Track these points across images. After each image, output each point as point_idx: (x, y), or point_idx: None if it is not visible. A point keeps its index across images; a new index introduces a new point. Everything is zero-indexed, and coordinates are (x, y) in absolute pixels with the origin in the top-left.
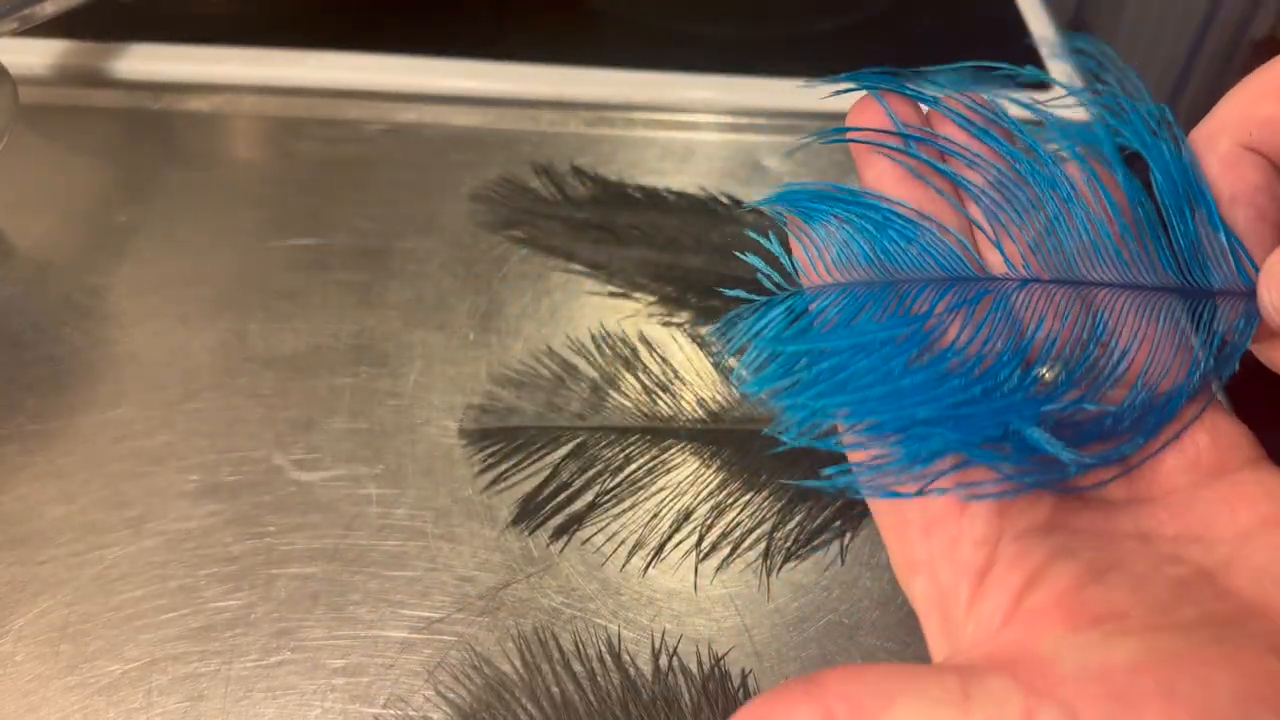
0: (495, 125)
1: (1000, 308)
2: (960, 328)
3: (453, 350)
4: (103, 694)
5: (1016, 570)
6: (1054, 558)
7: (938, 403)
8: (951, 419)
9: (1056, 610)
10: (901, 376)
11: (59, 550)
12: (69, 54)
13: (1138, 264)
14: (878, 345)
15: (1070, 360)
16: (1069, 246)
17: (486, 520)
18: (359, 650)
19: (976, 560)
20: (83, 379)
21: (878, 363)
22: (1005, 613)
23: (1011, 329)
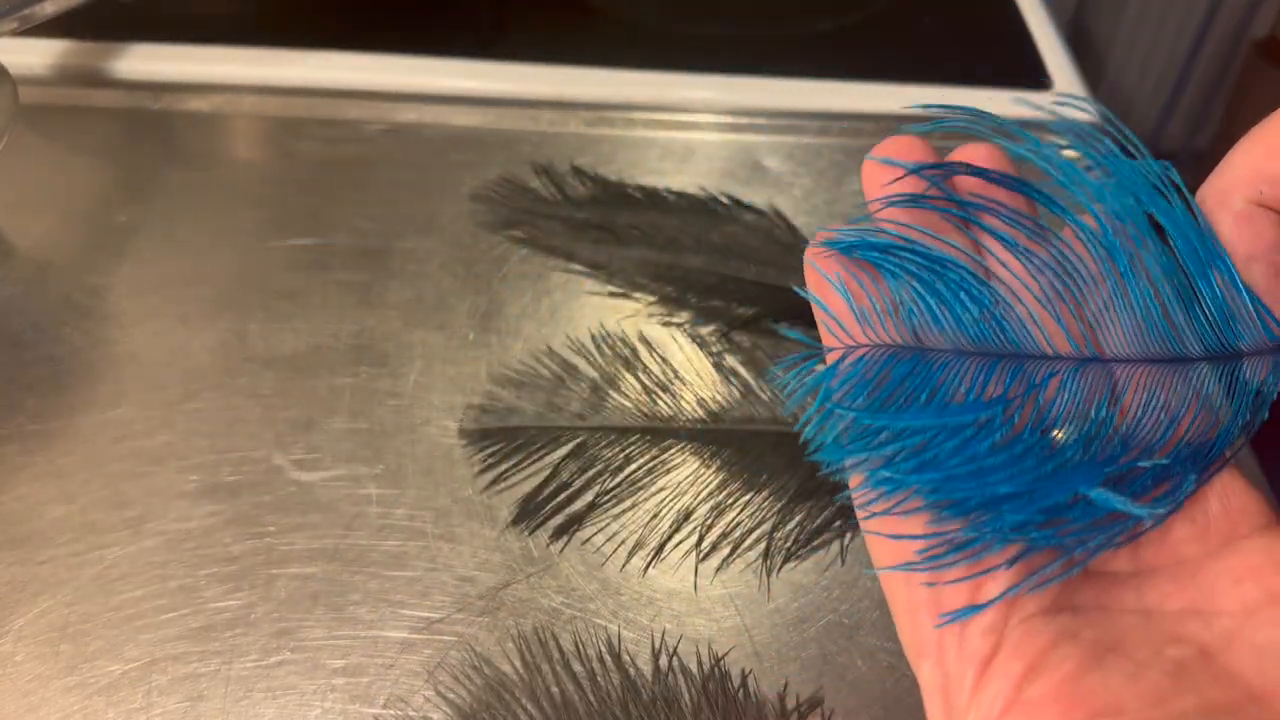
0: (495, 125)
1: (1068, 386)
2: (1033, 410)
3: (453, 350)
4: (102, 694)
5: (1019, 657)
6: (1057, 642)
7: (1017, 480)
8: (1029, 493)
9: (1054, 703)
10: (985, 457)
11: (59, 550)
12: (69, 54)
13: (1182, 333)
14: (962, 428)
15: (1125, 433)
16: (1125, 322)
17: (486, 520)
18: (359, 650)
19: (983, 648)
20: (83, 379)
21: (961, 444)
22: (1005, 702)
23: (1077, 407)
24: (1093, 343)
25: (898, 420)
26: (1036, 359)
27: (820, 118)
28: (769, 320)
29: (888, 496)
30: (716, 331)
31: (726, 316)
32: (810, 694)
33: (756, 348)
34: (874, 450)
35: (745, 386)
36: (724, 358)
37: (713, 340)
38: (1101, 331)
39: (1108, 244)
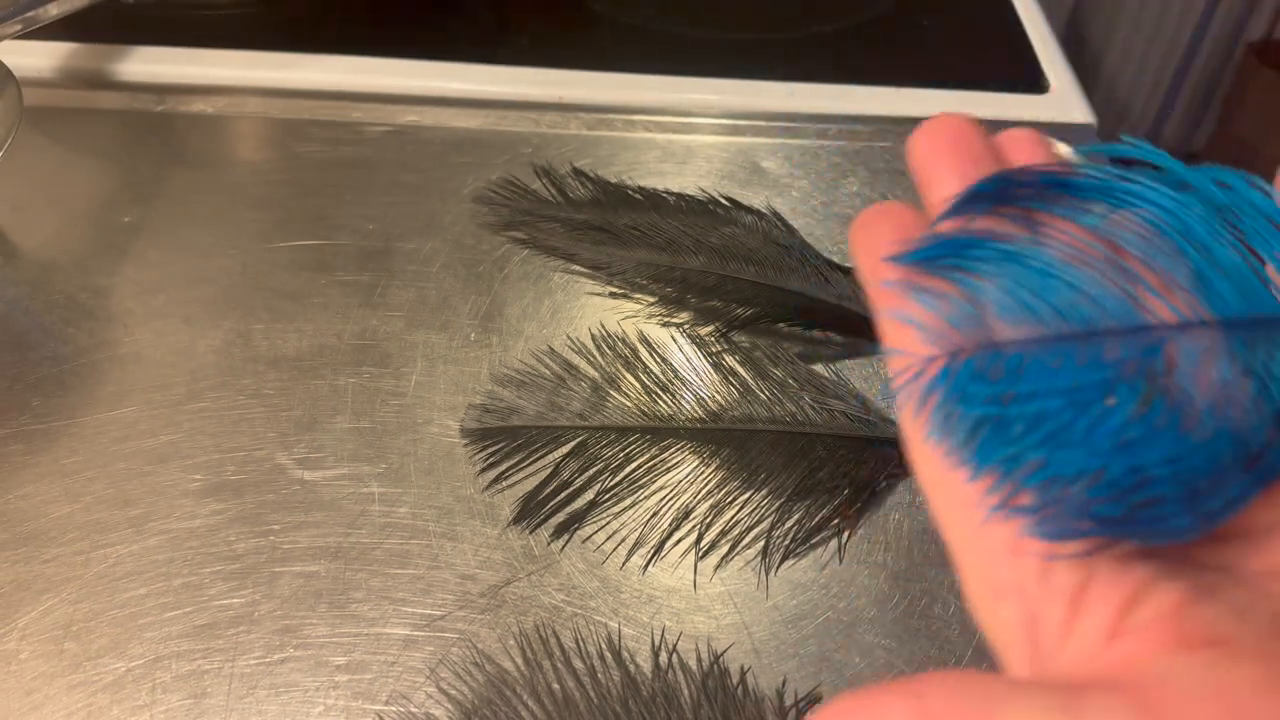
0: (496, 127)
1: (1185, 352)
2: (1155, 379)
3: (455, 350)
4: (107, 691)
5: (1116, 588)
6: (1153, 578)
7: (1162, 449)
8: (1177, 465)
9: (1165, 627)
10: (1124, 429)
11: (63, 549)
12: (73, 56)
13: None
14: (1092, 391)
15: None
16: (1224, 288)
17: (488, 519)
18: (361, 647)
19: (1072, 581)
20: (87, 379)
21: (1094, 421)
22: (1109, 630)
23: (1198, 373)
24: (1197, 309)
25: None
26: (1147, 330)
27: (819, 120)
28: (768, 320)
29: (1028, 487)
30: (716, 331)
31: (726, 317)
32: (808, 690)
33: (756, 348)
34: (1012, 443)
35: (745, 386)
36: (724, 358)
37: (712, 340)
38: (1201, 297)
39: (1178, 223)
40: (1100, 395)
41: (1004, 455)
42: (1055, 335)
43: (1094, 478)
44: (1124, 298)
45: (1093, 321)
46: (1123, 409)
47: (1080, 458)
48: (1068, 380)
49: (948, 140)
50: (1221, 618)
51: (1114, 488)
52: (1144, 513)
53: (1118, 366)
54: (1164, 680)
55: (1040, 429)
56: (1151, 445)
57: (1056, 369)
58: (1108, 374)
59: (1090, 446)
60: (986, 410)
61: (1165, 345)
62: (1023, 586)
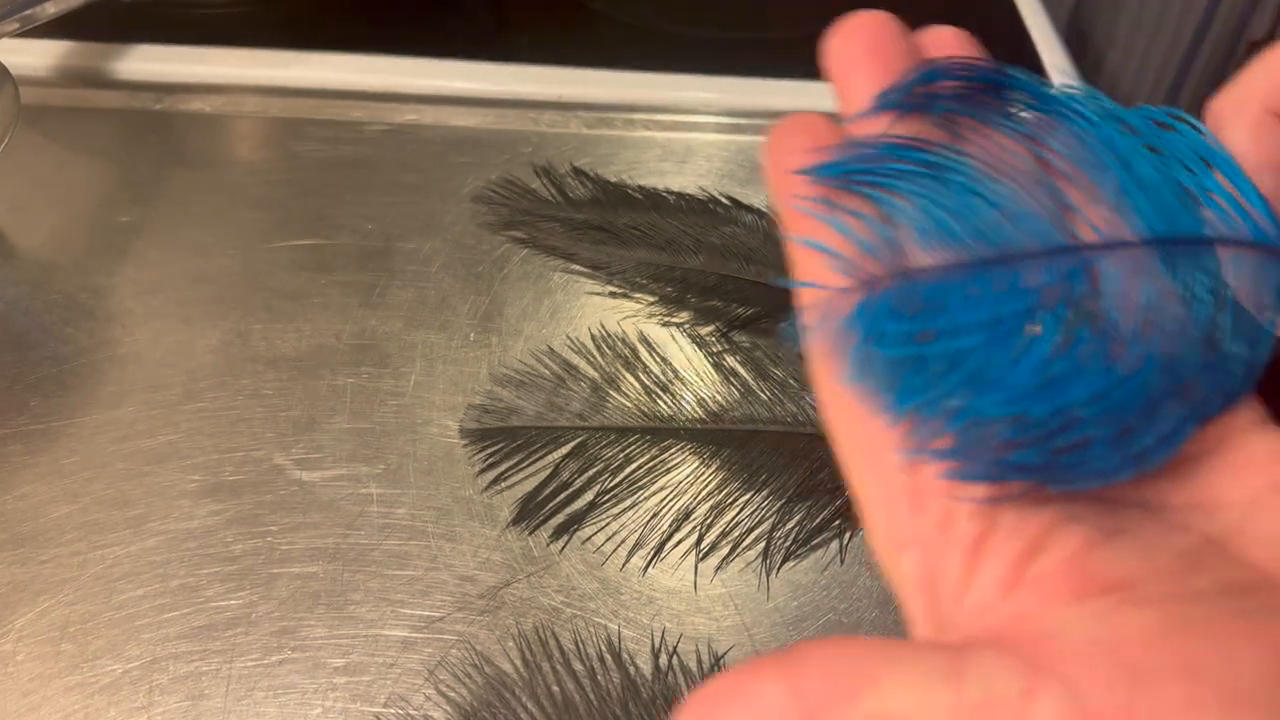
0: (496, 126)
1: (1109, 274)
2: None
3: (454, 350)
4: (104, 693)
5: (1016, 537)
6: (1056, 523)
7: (1088, 384)
8: (1104, 400)
9: (1063, 577)
10: (1049, 364)
11: (61, 549)
12: (71, 55)
13: (1196, 219)
14: (1014, 321)
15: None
16: (1144, 206)
17: (487, 519)
18: (360, 649)
19: (973, 531)
20: (86, 379)
21: (1017, 355)
22: (1005, 583)
23: (1123, 296)
24: (1121, 227)
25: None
26: (1071, 251)
27: None
28: (769, 320)
29: (949, 429)
30: (716, 331)
31: (726, 316)
32: None
33: (756, 348)
34: (931, 384)
35: (745, 386)
36: (724, 358)
37: (713, 340)
38: (1122, 217)
39: (1103, 135)
40: (1022, 326)
41: (922, 398)
42: (976, 260)
43: (1017, 420)
44: (1048, 216)
45: (1015, 244)
46: (1046, 341)
47: (1003, 398)
48: (988, 312)
49: (865, 42)
50: (1126, 559)
51: (1039, 428)
52: (1071, 456)
53: (1039, 293)
54: (1054, 634)
55: (961, 367)
56: (1077, 380)
57: (977, 299)
58: (1030, 302)
59: (1013, 385)
60: (904, 350)
61: (1088, 267)
62: (924, 538)
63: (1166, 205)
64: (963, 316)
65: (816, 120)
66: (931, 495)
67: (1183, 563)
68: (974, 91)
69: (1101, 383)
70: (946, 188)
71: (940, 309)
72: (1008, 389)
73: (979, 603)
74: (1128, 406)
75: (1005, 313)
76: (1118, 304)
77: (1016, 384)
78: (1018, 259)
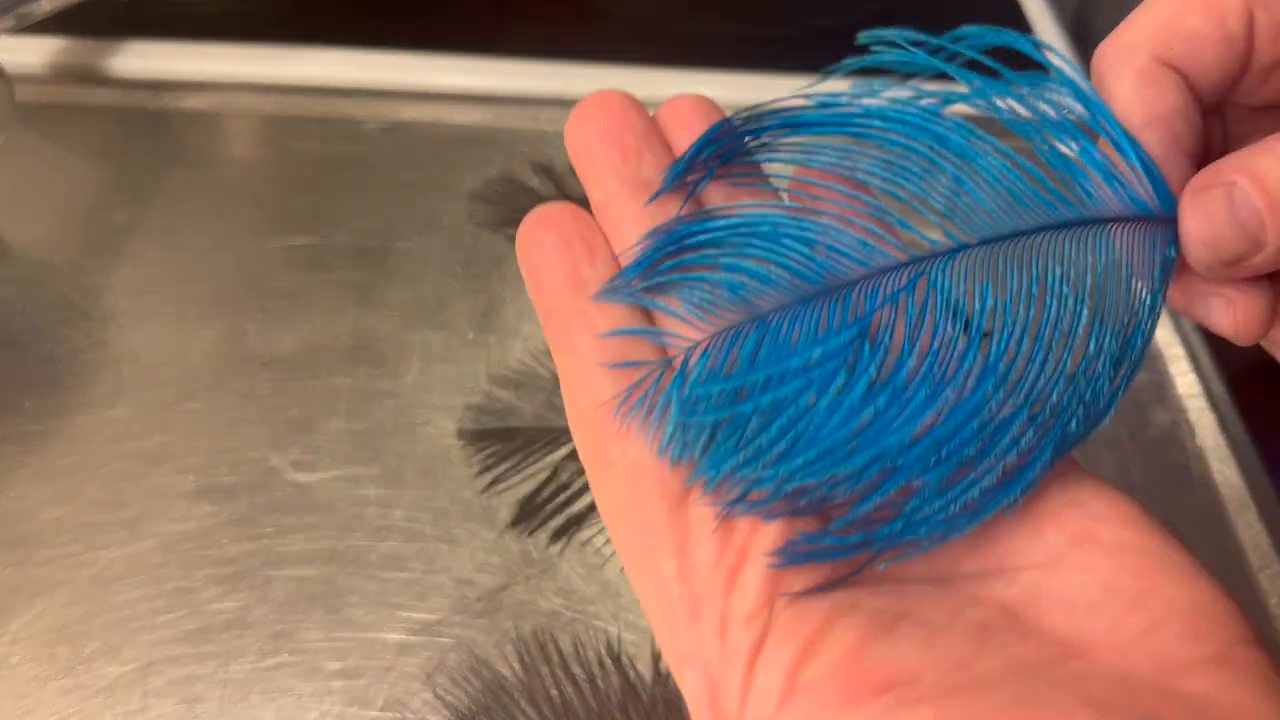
0: (494, 123)
1: (939, 286)
2: (905, 322)
3: (452, 350)
4: (99, 696)
5: (791, 640)
6: (835, 615)
7: (901, 430)
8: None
9: (836, 681)
10: (858, 410)
11: (56, 551)
12: (65, 52)
13: (1060, 203)
14: (825, 363)
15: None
16: (985, 202)
17: (485, 521)
18: (356, 653)
19: (748, 639)
20: (80, 379)
21: (836, 395)
22: (780, 694)
23: (956, 309)
24: (956, 233)
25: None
26: (868, 278)
27: None
28: None
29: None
30: None
31: None
32: None
33: None
34: (747, 445)
35: None
36: None
37: None
38: (961, 219)
39: (931, 137)
40: (842, 365)
41: (736, 462)
42: (792, 304)
43: (833, 478)
44: (864, 242)
45: (832, 278)
46: (861, 380)
47: (818, 452)
48: (805, 356)
49: (598, 127)
50: (906, 651)
51: (857, 483)
52: (897, 516)
53: (860, 323)
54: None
55: (775, 423)
56: (897, 419)
57: (794, 345)
58: (849, 335)
59: (828, 436)
60: (718, 413)
61: (916, 284)
62: (703, 649)
63: (1016, 196)
64: (779, 366)
65: (564, 214)
66: (707, 601)
67: (970, 645)
68: (776, 137)
69: (910, 428)
70: (752, 243)
71: (756, 362)
72: (822, 441)
73: (758, 717)
74: (959, 441)
75: (827, 351)
76: (946, 321)
77: (831, 434)
78: (834, 293)
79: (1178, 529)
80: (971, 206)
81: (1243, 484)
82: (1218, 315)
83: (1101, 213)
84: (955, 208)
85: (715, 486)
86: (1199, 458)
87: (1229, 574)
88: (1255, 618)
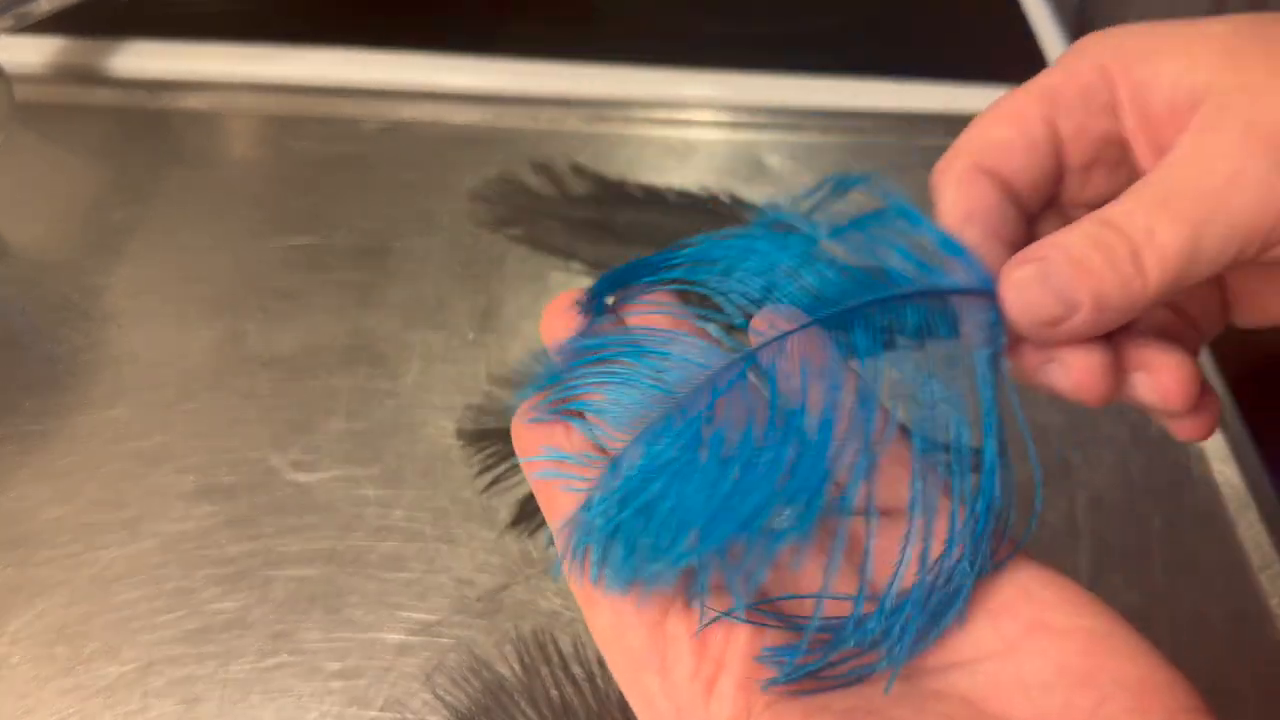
0: (494, 123)
1: (771, 372)
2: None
3: (451, 350)
4: (99, 696)
5: None
6: (807, 716)
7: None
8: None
9: None
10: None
11: (56, 551)
12: (65, 51)
13: (877, 282)
14: (682, 454)
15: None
16: (810, 284)
17: (485, 522)
18: (356, 653)
19: None
20: (80, 379)
21: (702, 480)
22: None
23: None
24: (780, 325)
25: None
26: (730, 364)
27: (822, 115)
28: None
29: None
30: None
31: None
32: None
33: None
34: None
35: None
36: None
37: None
38: (786, 312)
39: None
40: (698, 451)
41: (635, 564)
42: (657, 415)
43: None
44: (708, 347)
45: (684, 382)
46: (714, 458)
47: (700, 530)
48: (668, 451)
49: (568, 322)
50: None
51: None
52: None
53: (708, 411)
54: None
55: (655, 517)
56: (751, 490)
57: (660, 446)
58: (699, 424)
59: (699, 515)
60: (609, 524)
61: (753, 368)
62: None
63: (839, 288)
64: (648, 465)
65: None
66: (690, 712)
67: None
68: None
69: (773, 479)
70: (625, 371)
71: (632, 470)
72: (695, 520)
73: None
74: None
75: (685, 441)
76: (787, 393)
77: (701, 511)
78: (686, 393)
79: (1178, 529)
80: (796, 295)
81: (1243, 484)
82: (1058, 379)
83: (928, 290)
84: (789, 307)
85: (626, 588)
86: (1199, 457)
87: (1229, 573)
88: (1256, 617)
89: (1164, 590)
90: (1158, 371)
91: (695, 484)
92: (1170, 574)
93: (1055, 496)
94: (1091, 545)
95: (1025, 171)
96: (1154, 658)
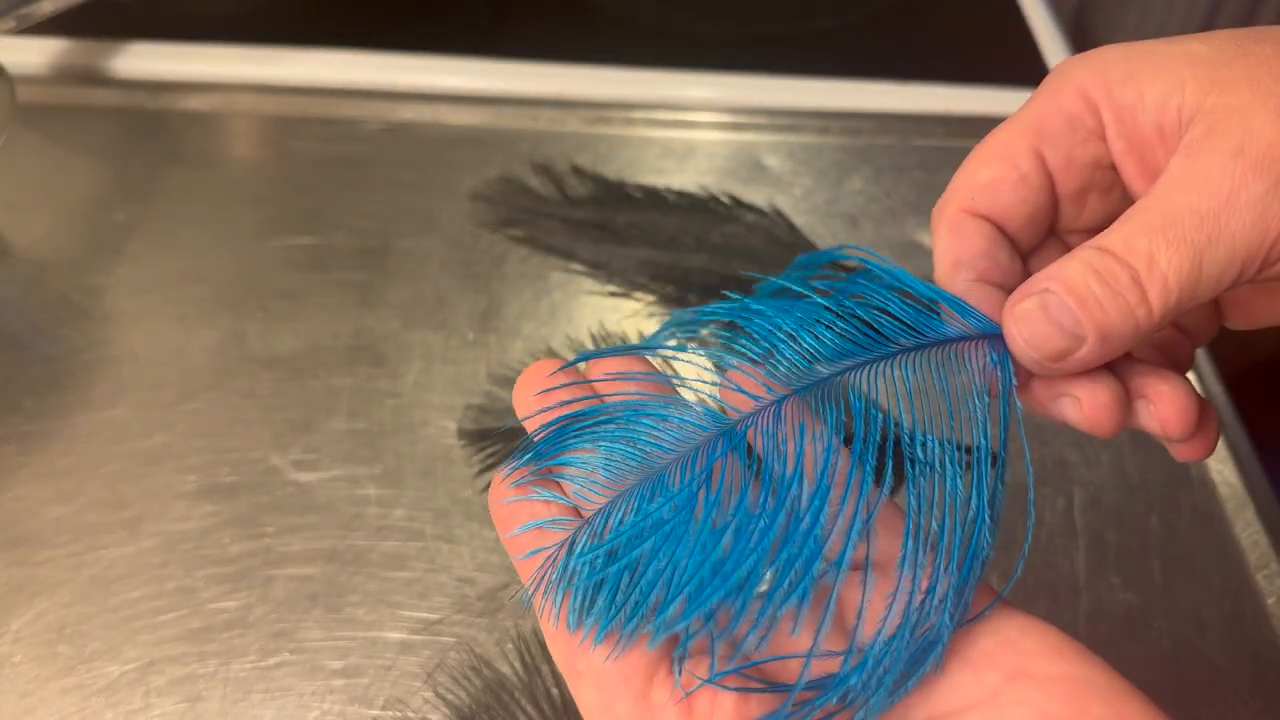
0: (494, 124)
1: (768, 436)
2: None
3: (452, 350)
4: (101, 695)
5: None
6: None
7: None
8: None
9: None
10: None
11: (57, 551)
12: (67, 53)
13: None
14: (676, 515)
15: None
16: (809, 347)
17: (486, 521)
18: (357, 652)
19: None
20: (80, 379)
21: (695, 544)
22: None
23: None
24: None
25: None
26: (709, 439)
27: (821, 116)
28: None
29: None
30: None
31: None
32: None
33: None
34: (622, 600)
35: None
36: None
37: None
38: (783, 376)
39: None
40: (692, 516)
41: (621, 616)
42: (651, 472)
43: (706, 614)
44: (705, 412)
45: (679, 444)
46: (706, 522)
47: (687, 592)
48: (659, 513)
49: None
50: None
51: (734, 616)
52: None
53: (702, 476)
54: None
55: (644, 576)
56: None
57: (653, 506)
58: (692, 489)
59: (690, 578)
60: (593, 576)
61: (746, 433)
62: None
63: (838, 349)
64: (639, 522)
65: None
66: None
67: None
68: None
69: (766, 544)
70: (621, 431)
71: (622, 529)
72: (687, 582)
73: None
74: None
75: (680, 503)
76: (779, 456)
77: (693, 574)
78: (682, 458)
79: (1175, 529)
80: (794, 360)
81: (1241, 484)
82: (1070, 412)
83: (928, 343)
84: (779, 366)
85: (603, 640)
86: None
87: (1227, 573)
88: (1253, 617)
89: (1161, 590)
90: (1157, 400)
91: (687, 547)
92: (1168, 574)
93: (1053, 496)
94: (1089, 545)
95: (1016, 208)
96: (1138, 703)
